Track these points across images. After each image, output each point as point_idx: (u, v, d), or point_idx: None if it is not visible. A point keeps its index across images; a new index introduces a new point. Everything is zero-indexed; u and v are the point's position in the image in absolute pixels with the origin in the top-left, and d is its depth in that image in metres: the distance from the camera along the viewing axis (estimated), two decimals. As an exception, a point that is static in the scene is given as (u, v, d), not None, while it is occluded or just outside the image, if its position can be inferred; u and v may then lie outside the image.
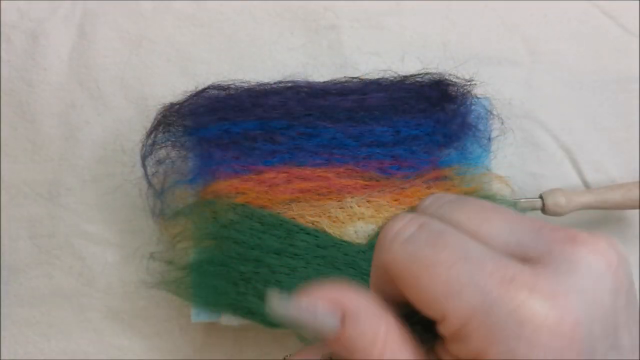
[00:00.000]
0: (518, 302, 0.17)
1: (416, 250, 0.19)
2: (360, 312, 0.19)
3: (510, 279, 0.17)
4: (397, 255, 0.19)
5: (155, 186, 0.36)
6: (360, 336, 0.19)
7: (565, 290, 0.17)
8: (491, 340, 0.17)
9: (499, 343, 0.17)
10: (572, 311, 0.17)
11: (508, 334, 0.17)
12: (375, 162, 0.34)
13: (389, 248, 0.19)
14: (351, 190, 0.33)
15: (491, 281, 0.17)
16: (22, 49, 0.41)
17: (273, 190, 0.33)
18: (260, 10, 0.41)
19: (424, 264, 0.18)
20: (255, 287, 0.33)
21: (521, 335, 0.17)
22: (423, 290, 0.18)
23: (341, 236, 0.33)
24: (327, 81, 0.36)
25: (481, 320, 0.17)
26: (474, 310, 0.17)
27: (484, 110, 0.37)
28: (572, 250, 0.18)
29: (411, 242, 0.19)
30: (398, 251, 0.19)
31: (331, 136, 0.34)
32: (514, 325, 0.17)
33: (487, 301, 0.17)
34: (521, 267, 0.18)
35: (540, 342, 0.17)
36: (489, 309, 0.17)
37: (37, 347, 0.39)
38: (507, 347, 0.17)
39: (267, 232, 0.33)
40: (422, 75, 0.35)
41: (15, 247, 0.40)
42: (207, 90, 0.35)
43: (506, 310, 0.17)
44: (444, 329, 0.18)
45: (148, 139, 0.35)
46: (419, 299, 0.19)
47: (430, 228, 0.20)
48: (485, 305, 0.17)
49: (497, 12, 0.42)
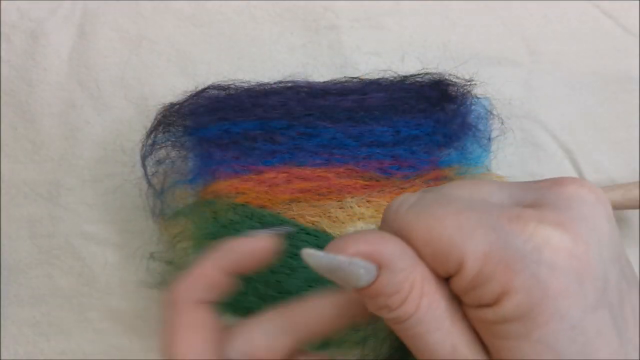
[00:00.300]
0: (530, 231, 0.18)
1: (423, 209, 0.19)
2: (395, 262, 0.18)
3: (516, 216, 0.18)
4: (405, 218, 0.19)
5: (155, 186, 0.36)
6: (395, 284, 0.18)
7: (569, 219, 0.18)
8: (513, 271, 0.17)
9: (521, 272, 0.17)
10: (582, 235, 0.18)
11: (528, 262, 0.17)
12: (375, 162, 0.34)
13: (396, 216, 0.20)
14: (351, 190, 0.33)
15: (500, 220, 0.18)
16: (22, 49, 0.41)
17: (273, 190, 0.33)
18: (260, 10, 0.41)
19: (433, 218, 0.19)
20: (255, 287, 0.33)
21: (541, 259, 0.17)
22: (437, 242, 0.18)
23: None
24: (327, 81, 0.36)
25: (500, 255, 0.18)
26: (490, 246, 0.18)
27: (484, 110, 0.37)
28: (562, 190, 0.19)
29: (416, 205, 0.20)
30: (405, 216, 0.19)
31: (331, 136, 0.34)
32: (533, 252, 0.17)
33: (501, 236, 0.18)
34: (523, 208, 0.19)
35: (560, 264, 0.17)
36: (505, 243, 0.18)
37: (37, 347, 0.39)
38: (530, 274, 0.17)
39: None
40: (422, 75, 0.35)
41: (15, 247, 0.40)
42: (207, 90, 0.35)
43: (521, 240, 0.18)
44: (461, 280, 0.18)
45: (148, 139, 0.35)
46: (433, 253, 0.19)
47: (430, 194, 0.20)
48: (500, 240, 0.18)
49: (497, 12, 0.42)
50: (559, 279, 0.17)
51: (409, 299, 0.19)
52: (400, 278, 0.18)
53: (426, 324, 0.19)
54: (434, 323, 0.19)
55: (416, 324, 0.19)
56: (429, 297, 0.19)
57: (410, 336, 0.19)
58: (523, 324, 0.17)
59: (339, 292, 0.23)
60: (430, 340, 0.19)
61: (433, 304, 0.19)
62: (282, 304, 0.33)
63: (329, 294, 0.23)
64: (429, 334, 0.19)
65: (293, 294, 0.32)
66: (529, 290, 0.17)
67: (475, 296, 0.18)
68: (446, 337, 0.19)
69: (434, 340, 0.19)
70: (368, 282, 0.18)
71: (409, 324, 0.19)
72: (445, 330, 0.19)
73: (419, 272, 0.19)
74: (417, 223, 0.19)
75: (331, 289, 0.24)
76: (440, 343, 0.19)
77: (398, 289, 0.19)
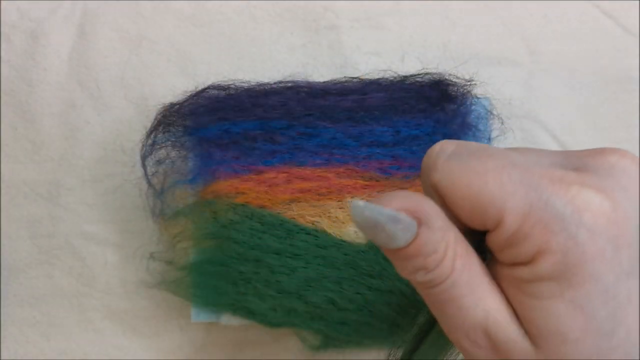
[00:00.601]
0: (573, 194, 0.18)
1: (462, 162, 0.19)
2: (433, 220, 0.18)
3: (559, 178, 0.18)
4: (445, 170, 0.19)
5: (155, 186, 0.36)
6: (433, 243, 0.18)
7: (610, 186, 0.18)
8: (552, 232, 0.18)
9: (560, 232, 0.18)
10: (621, 204, 0.18)
11: (568, 223, 0.17)
12: (375, 162, 0.34)
13: (435, 166, 0.20)
14: (351, 190, 0.33)
15: (542, 181, 0.18)
16: (22, 49, 0.41)
17: (273, 190, 0.33)
18: (260, 10, 0.41)
19: (474, 172, 0.19)
20: (255, 287, 0.33)
21: (580, 222, 0.18)
22: (476, 197, 0.18)
23: (341, 236, 0.33)
24: (327, 81, 0.36)
25: (540, 215, 0.18)
26: (530, 205, 0.18)
27: (484, 110, 0.37)
28: (605, 159, 0.19)
29: (455, 156, 0.19)
30: (445, 167, 0.19)
31: (331, 136, 0.34)
32: (573, 214, 0.17)
33: (542, 197, 0.18)
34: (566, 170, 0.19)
35: (599, 229, 0.18)
36: (546, 203, 0.18)
37: (37, 347, 0.39)
38: (569, 235, 0.17)
39: (267, 232, 0.33)
40: (422, 75, 0.35)
41: (15, 247, 0.40)
42: (207, 90, 0.35)
43: (563, 202, 0.18)
44: (499, 236, 0.18)
45: (148, 139, 0.35)
46: (472, 208, 0.19)
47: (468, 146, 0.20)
48: (541, 200, 0.18)
49: (497, 12, 0.42)
50: (597, 243, 0.17)
51: (445, 260, 0.19)
52: (438, 237, 0.18)
53: (460, 287, 0.19)
54: (467, 286, 0.19)
55: (450, 286, 0.19)
56: (462, 259, 0.19)
57: (442, 301, 0.19)
58: (557, 284, 0.18)
59: None
60: (463, 305, 0.19)
61: (466, 267, 0.19)
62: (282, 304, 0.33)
63: None
64: (462, 298, 0.19)
65: (293, 294, 0.32)
66: (567, 251, 0.17)
67: (511, 254, 0.18)
68: (478, 301, 0.19)
69: (466, 304, 0.19)
70: (407, 240, 0.18)
71: (442, 287, 0.19)
72: (478, 295, 0.19)
73: (452, 234, 0.19)
74: (457, 176, 0.19)
75: None
76: (472, 308, 0.19)
77: (435, 249, 0.18)
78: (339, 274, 0.32)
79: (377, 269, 0.32)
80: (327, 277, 0.32)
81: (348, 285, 0.32)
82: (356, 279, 0.32)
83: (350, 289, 0.32)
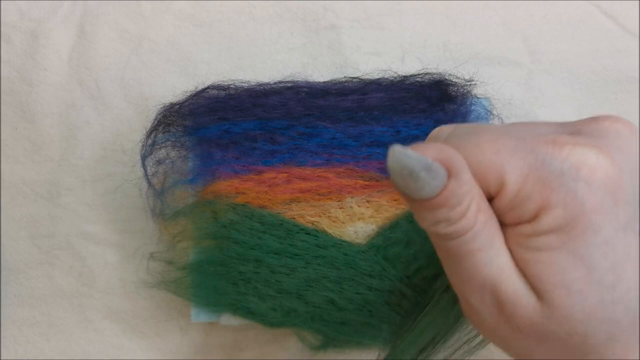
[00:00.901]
0: (567, 152, 0.18)
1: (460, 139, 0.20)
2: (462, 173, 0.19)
3: (552, 140, 0.19)
4: None
5: (155, 186, 0.36)
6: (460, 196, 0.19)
7: (605, 145, 0.19)
8: (551, 188, 0.18)
9: (559, 187, 0.18)
10: (617, 160, 0.18)
11: (566, 179, 0.18)
12: (375, 162, 0.34)
13: None
14: (351, 190, 0.33)
15: (537, 144, 0.19)
16: (22, 49, 0.41)
17: (273, 190, 0.33)
18: (260, 10, 0.41)
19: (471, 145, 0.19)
20: (255, 287, 0.33)
21: (578, 176, 0.18)
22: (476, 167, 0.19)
23: (341, 236, 0.33)
24: (327, 81, 0.36)
25: (539, 174, 0.18)
26: (529, 166, 0.18)
27: (484, 110, 0.37)
28: (599, 124, 0.20)
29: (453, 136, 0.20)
30: None
31: (331, 136, 0.34)
32: (570, 169, 0.18)
33: (538, 157, 0.18)
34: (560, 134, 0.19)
35: (597, 182, 0.18)
36: (543, 162, 0.18)
37: (37, 347, 0.39)
38: (567, 190, 0.18)
39: (267, 232, 0.33)
40: (422, 75, 0.35)
41: (15, 247, 0.40)
42: (207, 90, 0.35)
43: (559, 160, 0.18)
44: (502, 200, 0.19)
45: (148, 139, 0.35)
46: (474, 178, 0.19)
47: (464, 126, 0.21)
48: (538, 160, 0.18)
49: (497, 12, 0.42)
50: (595, 195, 0.18)
51: (469, 213, 0.19)
52: (465, 190, 0.19)
53: (479, 241, 0.19)
54: (487, 240, 0.19)
55: (470, 239, 0.19)
56: (484, 214, 0.19)
57: (460, 254, 0.20)
58: (558, 236, 0.18)
59: None
60: (480, 259, 0.19)
61: (488, 222, 0.19)
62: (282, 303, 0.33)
63: None
64: (480, 252, 0.19)
65: (293, 294, 0.32)
66: (566, 204, 0.18)
67: (515, 215, 0.19)
68: (494, 257, 0.19)
69: (483, 259, 0.19)
70: (436, 190, 0.19)
71: (463, 240, 0.19)
72: (495, 250, 0.19)
73: (477, 188, 0.19)
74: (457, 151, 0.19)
75: None
76: (488, 263, 0.19)
77: (461, 201, 0.19)
78: (339, 274, 0.32)
79: (377, 269, 0.32)
80: (327, 277, 0.32)
81: (348, 285, 0.32)
82: (356, 279, 0.32)
83: (350, 289, 0.32)
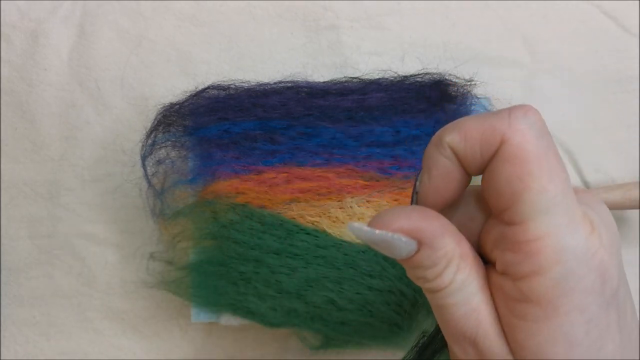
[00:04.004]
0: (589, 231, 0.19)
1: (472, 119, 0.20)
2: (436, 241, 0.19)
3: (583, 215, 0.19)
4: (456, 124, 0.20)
5: (155, 186, 0.36)
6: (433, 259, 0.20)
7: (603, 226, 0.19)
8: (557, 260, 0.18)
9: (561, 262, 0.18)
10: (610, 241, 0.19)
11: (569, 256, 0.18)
12: (375, 162, 0.34)
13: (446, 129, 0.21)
14: (351, 190, 0.33)
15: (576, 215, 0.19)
16: (22, 49, 0.41)
17: (273, 190, 0.33)
18: (260, 10, 0.41)
19: None
20: (255, 287, 0.33)
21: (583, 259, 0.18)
22: None
23: (341, 236, 0.33)
24: (327, 81, 0.36)
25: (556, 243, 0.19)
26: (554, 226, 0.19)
27: (484, 110, 0.37)
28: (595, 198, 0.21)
29: None
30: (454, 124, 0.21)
31: (331, 136, 0.34)
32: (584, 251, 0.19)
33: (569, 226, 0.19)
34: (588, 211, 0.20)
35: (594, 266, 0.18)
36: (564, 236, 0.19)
37: (37, 347, 0.39)
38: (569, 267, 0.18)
39: (267, 232, 0.33)
40: (422, 75, 0.35)
41: (15, 247, 0.40)
42: (207, 90, 0.35)
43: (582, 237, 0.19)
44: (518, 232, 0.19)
45: (148, 139, 0.35)
46: None
47: None
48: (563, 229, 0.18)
49: (497, 12, 0.42)
50: (589, 278, 0.18)
51: (444, 274, 0.20)
52: (440, 254, 0.20)
53: (456, 297, 0.20)
54: (463, 298, 0.20)
55: (446, 296, 0.20)
56: (463, 274, 0.20)
57: (440, 306, 0.20)
58: (544, 310, 0.18)
59: None
60: (457, 313, 0.20)
61: (466, 281, 0.20)
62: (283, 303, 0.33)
63: None
64: (456, 307, 0.20)
65: (293, 294, 0.32)
66: (560, 280, 0.18)
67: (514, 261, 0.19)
68: (471, 313, 0.20)
69: (460, 313, 0.20)
70: (408, 254, 0.20)
71: (440, 295, 0.20)
72: (472, 307, 0.20)
73: (457, 251, 0.20)
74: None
75: None
76: (466, 317, 0.20)
77: (435, 263, 0.20)
78: (339, 274, 0.32)
79: (377, 269, 0.32)
80: (327, 277, 0.32)
81: (348, 285, 0.32)
82: (356, 279, 0.32)
83: (350, 289, 0.32)
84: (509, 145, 0.18)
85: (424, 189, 0.21)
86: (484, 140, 0.19)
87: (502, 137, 0.19)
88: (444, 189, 0.20)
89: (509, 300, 0.19)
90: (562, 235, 0.18)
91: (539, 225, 0.18)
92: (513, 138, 0.18)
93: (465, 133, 0.19)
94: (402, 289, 0.32)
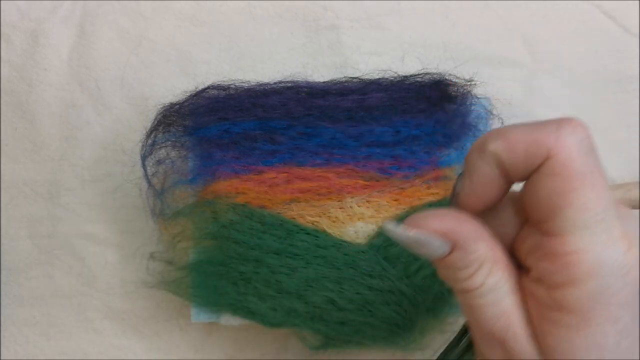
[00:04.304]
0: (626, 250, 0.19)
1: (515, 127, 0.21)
2: (469, 243, 0.20)
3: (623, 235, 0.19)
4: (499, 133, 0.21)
5: (155, 186, 0.36)
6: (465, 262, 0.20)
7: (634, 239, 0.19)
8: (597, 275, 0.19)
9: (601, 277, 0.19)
10: None
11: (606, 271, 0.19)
12: (375, 162, 0.34)
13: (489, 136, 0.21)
14: (351, 190, 0.33)
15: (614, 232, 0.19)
16: (22, 49, 0.41)
17: (273, 190, 0.33)
18: (260, 10, 0.41)
19: None
20: (255, 287, 0.33)
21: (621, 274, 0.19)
22: None
23: (341, 236, 0.33)
24: (327, 81, 0.36)
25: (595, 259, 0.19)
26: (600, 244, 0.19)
27: (484, 110, 0.37)
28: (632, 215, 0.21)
29: None
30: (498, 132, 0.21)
31: (331, 136, 0.34)
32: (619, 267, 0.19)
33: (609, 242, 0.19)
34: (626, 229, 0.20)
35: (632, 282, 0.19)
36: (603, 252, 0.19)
37: (37, 347, 0.39)
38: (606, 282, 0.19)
39: (267, 232, 0.33)
40: (422, 75, 0.35)
41: (15, 247, 0.40)
42: (207, 90, 0.35)
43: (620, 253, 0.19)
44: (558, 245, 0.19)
45: (148, 139, 0.35)
46: None
47: None
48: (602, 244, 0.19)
49: (497, 12, 0.42)
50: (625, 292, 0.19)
51: (476, 276, 0.20)
52: (473, 257, 0.20)
53: (486, 299, 0.20)
54: (494, 300, 0.20)
55: (477, 296, 0.20)
56: (495, 277, 0.20)
57: (470, 306, 0.21)
58: (576, 319, 0.19)
59: None
60: (487, 314, 0.20)
61: (498, 284, 0.20)
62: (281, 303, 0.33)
63: None
64: (486, 307, 0.20)
65: (293, 294, 0.32)
66: (596, 293, 0.18)
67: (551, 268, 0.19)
68: (502, 314, 0.20)
69: (490, 314, 0.20)
70: (442, 255, 0.20)
71: (471, 296, 0.20)
72: (503, 308, 0.20)
73: (490, 255, 0.20)
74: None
75: None
76: (495, 318, 0.20)
77: (467, 265, 0.20)
78: (339, 274, 0.32)
79: (377, 269, 0.32)
80: (327, 277, 0.32)
81: (348, 285, 0.32)
82: (356, 279, 0.32)
83: (350, 289, 0.32)
84: (554, 160, 0.18)
85: (465, 192, 0.21)
86: (529, 152, 0.19)
87: (548, 152, 0.19)
88: (484, 194, 0.21)
89: (541, 306, 0.19)
90: (600, 251, 0.18)
91: (578, 240, 0.18)
92: (560, 154, 0.18)
93: (510, 143, 0.19)
94: (402, 289, 0.32)
